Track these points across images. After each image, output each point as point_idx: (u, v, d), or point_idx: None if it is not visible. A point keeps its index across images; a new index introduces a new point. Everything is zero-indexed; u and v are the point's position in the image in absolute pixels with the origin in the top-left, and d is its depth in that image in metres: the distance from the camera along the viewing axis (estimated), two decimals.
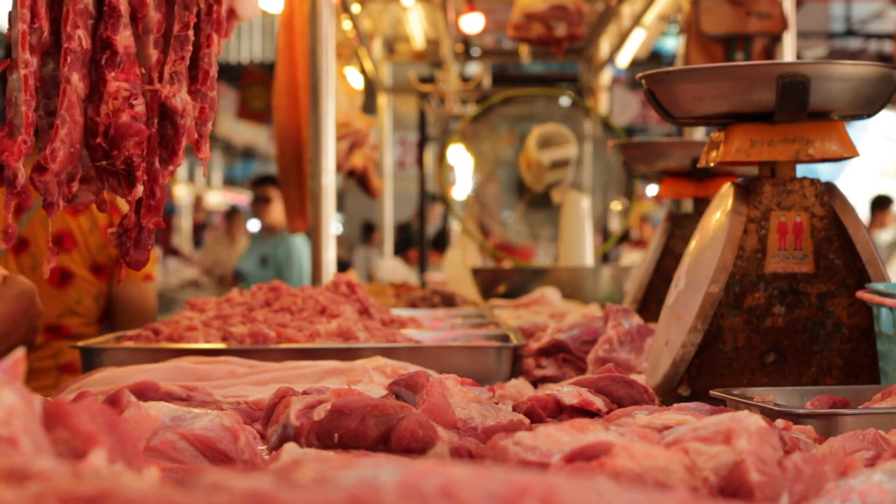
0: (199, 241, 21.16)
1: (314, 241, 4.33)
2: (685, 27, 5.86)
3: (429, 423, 1.56)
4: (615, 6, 7.36)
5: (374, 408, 1.55)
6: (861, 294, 2.19)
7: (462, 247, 7.20)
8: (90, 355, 2.61)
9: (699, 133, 5.65)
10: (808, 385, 2.21)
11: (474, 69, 10.29)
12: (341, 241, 14.77)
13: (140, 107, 1.78)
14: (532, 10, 6.55)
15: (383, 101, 9.32)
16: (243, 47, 17.55)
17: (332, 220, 4.34)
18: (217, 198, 24.62)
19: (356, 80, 6.59)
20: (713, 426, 1.35)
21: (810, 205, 2.28)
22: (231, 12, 3.90)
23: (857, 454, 1.45)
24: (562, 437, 1.33)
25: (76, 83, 1.74)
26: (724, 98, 2.25)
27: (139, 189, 1.80)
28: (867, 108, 2.27)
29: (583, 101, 7.73)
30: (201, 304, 3.03)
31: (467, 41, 9.10)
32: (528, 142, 6.56)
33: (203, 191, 23.36)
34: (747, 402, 1.82)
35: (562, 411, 1.82)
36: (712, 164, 2.37)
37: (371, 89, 8.43)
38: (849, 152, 2.28)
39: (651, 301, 3.58)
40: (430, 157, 11.70)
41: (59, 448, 1.01)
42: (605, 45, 8.39)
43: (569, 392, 1.83)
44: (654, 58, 10.10)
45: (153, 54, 1.83)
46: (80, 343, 2.72)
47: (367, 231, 15.34)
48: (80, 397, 1.78)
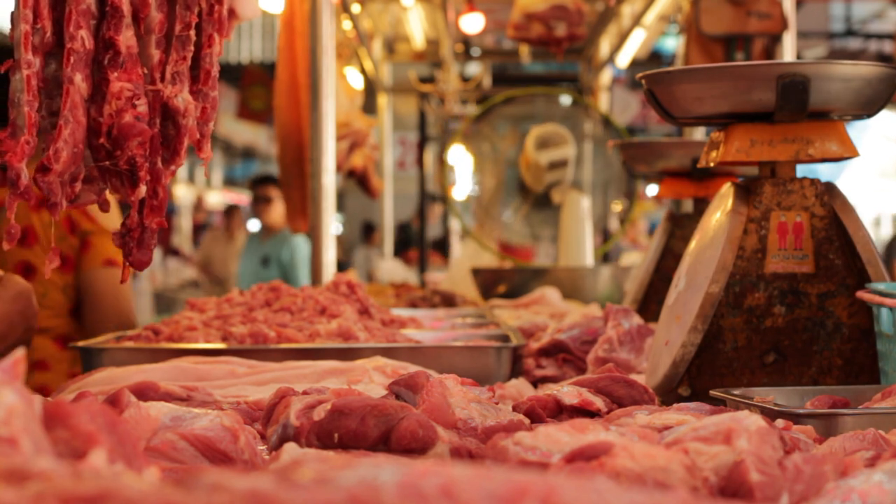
0: (198, 241, 21.16)
1: (314, 241, 4.33)
2: (685, 27, 5.86)
3: (429, 423, 1.56)
4: (615, 6, 7.37)
5: (374, 408, 1.55)
6: (861, 294, 2.19)
7: (473, 246, 7.18)
8: (90, 355, 2.61)
9: (699, 133, 5.64)
10: (808, 385, 2.21)
11: (474, 69, 10.29)
12: (341, 241, 14.77)
13: (143, 107, 1.78)
14: (532, 10, 6.55)
15: (383, 101, 9.32)
16: (243, 47, 17.55)
17: (332, 220, 4.34)
18: (217, 198, 24.62)
19: (356, 80, 6.59)
20: (713, 426, 1.35)
21: (810, 205, 2.28)
22: (231, 12, 3.90)
23: (857, 454, 1.45)
24: (562, 437, 1.33)
25: (79, 83, 1.74)
26: (724, 98, 2.25)
27: (142, 189, 1.80)
28: (867, 108, 2.27)
29: (583, 100, 7.72)
30: (201, 304, 3.03)
31: (467, 41, 9.10)
32: (527, 142, 6.55)
33: (203, 191, 23.36)
34: (747, 402, 1.82)
35: (562, 411, 1.82)
36: (712, 164, 2.37)
37: (371, 89, 8.43)
38: (849, 152, 2.28)
39: (651, 301, 3.58)
40: (430, 157, 11.71)
41: (59, 448, 1.01)
42: (605, 45, 8.39)
43: (569, 392, 1.83)
44: (654, 58, 10.10)
45: (155, 54, 1.83)
46: (80, 343, 2.72)
47: (367, 231, 15.34)
48: (80, 397, 1.78)
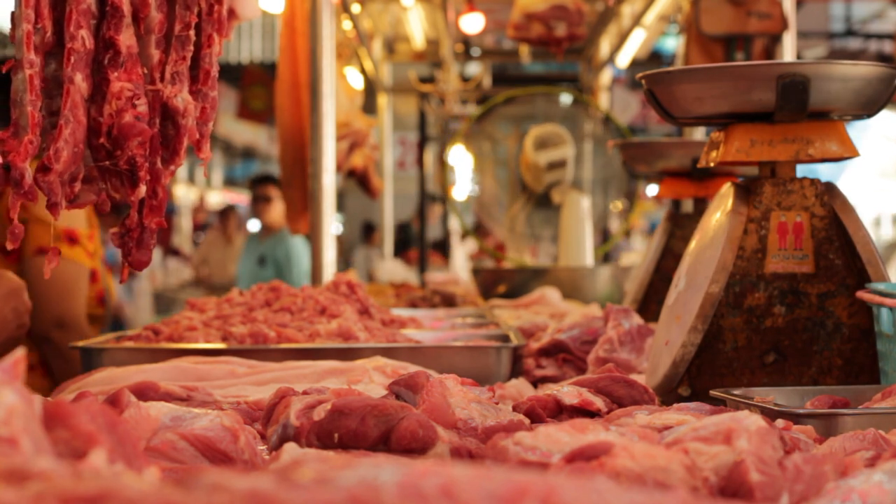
0: (198, 241, 21.16)
1: (314, 241, 4.33)
2: (685, 27, 5.86)
3: (429, 423, 1.56)
4: (615, 6, 7.37)
5: (374, 408, 1.55)
6: (861, 294, 2.19)
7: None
8: (90, 355, 2.61)
9: (699, 133, 5.64)
10: (808, 385, 2.21)
11: (474, 69, 10.30)
12: (341, 241, 14.76)
13: (143, 107, 1.78)
14: (532, 10, 6.55)
15: (383, 101, 9.32)
16: (243, 47, 17.54)
17: (332, 220, 4.34)
18: (217, 198, 24.62)
19: (356, 80, 6.58)
20: (713, 426, 1.35)
21: (810, 205, 2.28)
22: (231, 12, 3.90)
23: (857, 454, 1.45)
24: (562, 437, 1.33)
25: (79, 83, 1.74)
26: (724, 98, 2.25)
27: (142, 189, 1.80)
28: (867, 108, 2.27)
29: (584, 98, 7.72)
30: (201, 304, 3.03)
31: (467, 41, 9.10)
32: (526, 143, 6.55)
33: (203, 191, 23.36)
34: (747, 402, 1.82)
35: (562, 411, 1.82)
36: (712, 164, 2.37)
37: (371, 89, 8.43)
38: (849, 152, 2.28)
39: (651, 301, 3.58)
40: (430, 157, 11.70)
41: (59, 448, 1.01)
42: (605, 45, 8.39)
43: (569, 392, 1.83)
44: (654, 58, 10.10)
45: (155, 54, 1.83)
46: (80, 343, 2.71)
47: (367, 231, 15.32)
48: (80, 397, 1.78)
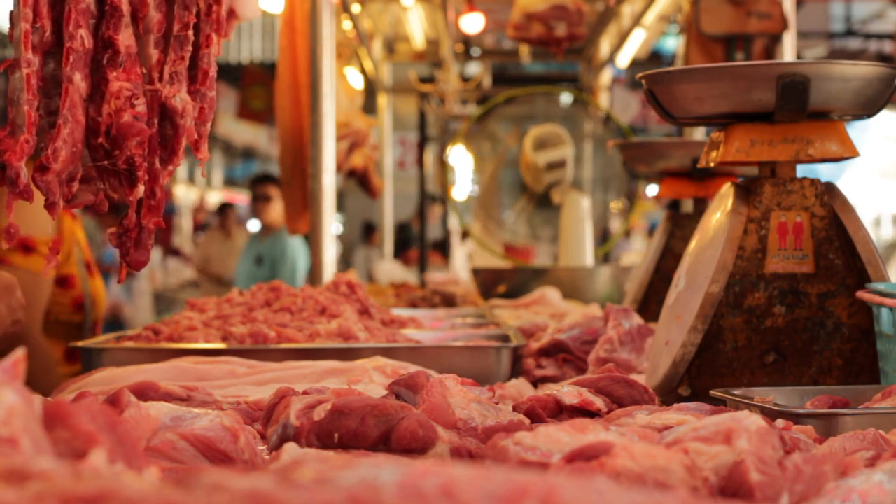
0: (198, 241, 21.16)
1: (314, 241, 4.33)
2: (685, 27, 5.86)
3: (429, 423, 1.56)
4: (615, 6, 7.37)
5: (374, 408, 1.55)
6: (861, 294, 2.19)
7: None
8: (90, 355, 2.61)
9: (699, 133, 5.65)
10: (808, 385, 2.21)
11: (474, 69, 10.30)
12: (341, 241, 14.76)
13: (141, 106, 1.78)
14: (532, 10, 6.55)
15: (383, 101, 9.32)
16: (243, 47, 17.56)
17: (332, 220, 4.34)
18: (217, 198, 24.61)
19: (356, 80, 6.58)
20: (713, 426, 1.35)
21: (810, 205, 2.28)
22: (231, 12, 3.90)
23: (857, 454, 1.45)
24: (562, 437, 1.33)
25: (78, 83, 1.74)
26: (724, 98, 2.25)
27: (140, 189, 1.80)
28: (867, 108, 2.27)
29: (584, 97, 7.72)
30: (201, 304, 3.03)
31: (467, 41, 9.10)
32: (525, 143, 6.55)
33: (203, 191, 23.36)
34: (747, 402, 1.82)
35: (562, 411, 1.82)
36: (712, 164, 2.37)
37: (371, 89, 8.43)
38: (849, 152, 2.28)
39: (651, 301, 3.58)
40: (430, 157, 11.70)
41: (59, 448, 1.01)
42: (605, 45, 8.40)
43: (569, 392, 1.83)
44: (654, 58, 10.10)
45: (153, 54, 1.83)
46: (80, 343, 2.72)
47: (368, 231, 15.33)
48: (80, 397, 1.78)
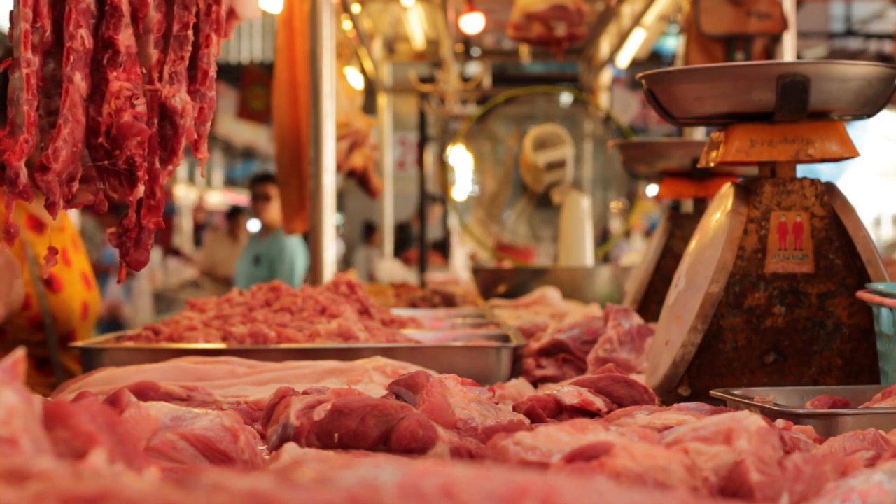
0: (199, 241, 21.17)
1: (314, 241, 4.32)
2: (685, 27, 5.86)
3: (429, 423, 1.56)
4: (615, 6, 7.36)
5: (374, 408, 1.55)
6: (861, 294, 2.19)
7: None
8: (90, 355, 2.61)
9: (699, 133, 5.64)
10: (808, 385, 2.21)
11: (474, 69, 10.30)
12: (341, 241, 14.76)
13: (141, 106, 1.78)
14: (532, 10, 6.55)
15: (383, 101, 9.32)
16: (243, 47, 17.55)
17: (332, 220, 4.33)
18: (217, 198, 24.62)
19: (356, 80, 6.58)
20: (713, 426, 1.35)
21: (810, 205, 2.28)
22: (231, 12, 3.90)
23: (857, 454, 1.45)
24: (562, 437, 1.33)
25: (78, 82, 1.74)
26: (724, 98, 2.25)
27: (140, 189, 1.80)
28: (867, 108, 2.27)
29: (584, 97, 7.72)
30: (201, 304, 3.03)
31: (467, 41, 9.10)
32: (525, 143, 6.55)
33: (203, 191, 23.35)
34: (747, 402, 1.82)
35: (562, 411, 1.82)
36: (712, 164, 2.37)
37: (371, 89, 8.43)
38: (849, 152, 2.28)
39: (651, 301, 3.58)
40: (430, 157, 11.70)
41: (59, 448, 1.01)
42: (605, 45, 8.39)
43: (569, 392, 1.83)
44: (654, 58, 10.10)
45: (153, 54, 1.83)
46: (80, 343, 2.72)
47: (368, 231, 15.33)
48: (80, 397, 1.78)
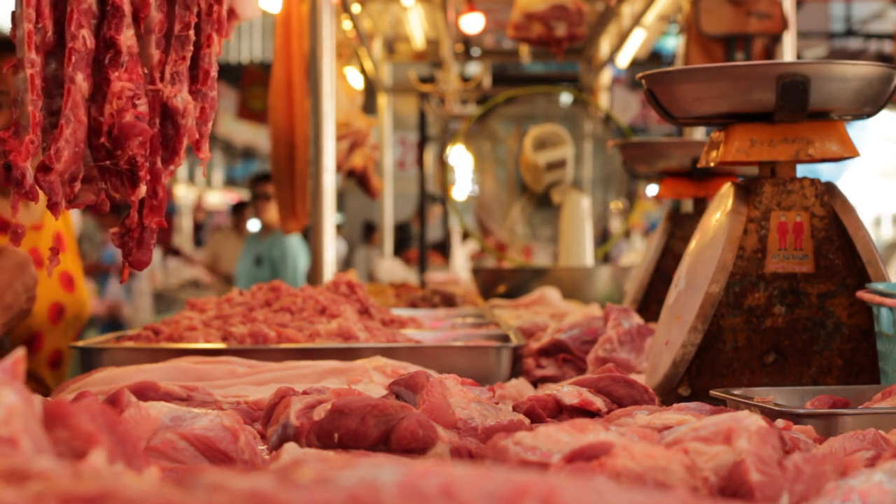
0: (199, 240, 21.16)
1: (314, 241, 4.32)
2: (685, 27, 5.86)
3: (429, 423, 1.56)
4: (615, 6, 7.36)
5: (374, 408, 1.55)
6: (861, 294, 2.19)
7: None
8: (90, 355, 2.61)
9: (699, 133, 5.64)
10: (808, 385, 2.21)
11: (474, 69, 10.30)
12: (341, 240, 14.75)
13: (143, 106, 1.78)
14: (532, 10, 6.55)
15: (383, 101, 9.32)
16: (243, 47, 17.55)
17: (332, 219, 4.33)
18: (217, 198, 24.61)
19: (356, 80, 6.58)
20: (713, 426, 1.35)
21: (810, 205, 2.28)
22: (231, 12, 3.90)
23: (857, 454, 1.45)
24: (562, 437, 1.33)
25: (80, 83, 1.74)
26: (724, 98, 2.25)
27: (142, 189, 1.80)
28: (867, 108, 2.27)
29: (584, 97, 7.72)
30: (201, 304, 3.03)
31: (467, 41, 9.10)
32: (525, 143, 6.55)
33: (203, 190, 23.34)
34: (747, 402, 1.82)
35: (562, 411, 1.82)
36: (712, 164, 2.37)
37: (371, 89, 8.42)
38: (849, 152, 2.28)
39: (651, 301, 3.58)
40: (430, 157, 11.71)
41: (59, 448, 1.01)
42: (605, 45, 8.39)
43: (569, 392, 1.83)
44: (654, 58, 10.09)
45: (155, 54, 1.83)
46: (80, 343, 2.72)
47: (368, 231, 15.34)
48: (80, 397, 1.78)
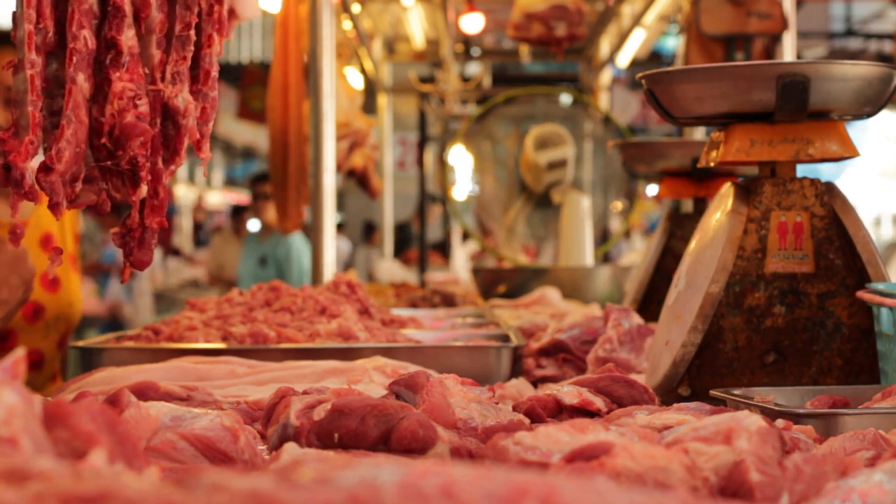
0: (199, 240, 21.16)
1: (314, 241, 4.32)
2: (685, 27, 5.86)
3: (429, 423, 1.56)
4: (615, 6, 7.37)
5: (374, 408, 1.55)
6: (861, 294, 2.19)
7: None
8: (90, 355, 2.61)
9: (699, 133, 5.64)
10: (808, 385, 2.21)
11: (474, 69, 10.30)
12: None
13: (144, 107, 1.78)
14: (532, 10, 6.55)
15: (383, 101, 9.32)
16: (243, 47, 17.55)
17: (332, 219, 4.33)
18: (217, 198, 24.63)
19: (356, 80, 6.59)
20: (713, 426, 1.35)
21: (810, 205, 2.28)
22: (231, 12, 3.90)
23: (857, 454, 1.45)
24: (562, 437, 1.33)
25: (81, 83, 1.74)
26: (724, 98, 2.25)
27: (143, 189, 1.80)
28: (867, 108, 2.27)
29: (584, 98, 7.72)
30: (201, 304, 3.03)
31: (467, 41, 9.10)
32: (526, 143, 6.55)
33: (203, 190, 23.35)
34: (747, 402, 1.82)
35: (562, 411, 1.82)
36: (712, 164, 2.37)
37: (371, 89, 8.43)
38: (849, 152, 2.28)
39: (651, 301, 3.58)
40: (430, 157, 11.71)
41: (59, 448, 1.01)
42: (605, 45, 8.40)
43: (569, 392, 1.83)
44: (654, 58, 10.10)
45: (156, 54, 1.83)
46: (80, 343, 2.72)
47: (368, 231, 15.34)
48: (80, 397, 1.78)
